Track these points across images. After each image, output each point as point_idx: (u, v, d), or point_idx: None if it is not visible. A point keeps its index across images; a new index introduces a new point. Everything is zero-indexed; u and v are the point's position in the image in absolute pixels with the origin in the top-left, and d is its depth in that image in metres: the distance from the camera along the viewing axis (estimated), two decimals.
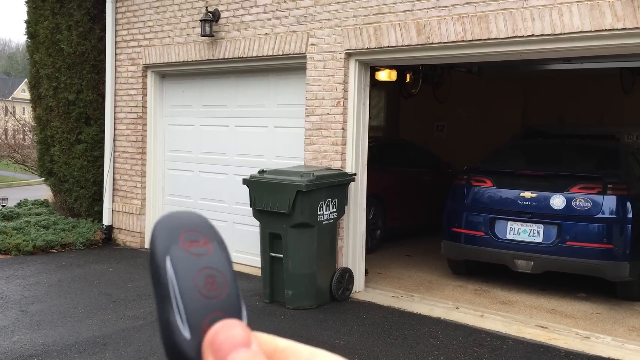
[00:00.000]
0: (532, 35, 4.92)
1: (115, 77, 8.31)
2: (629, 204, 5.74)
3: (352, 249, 6.13)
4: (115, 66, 8.29)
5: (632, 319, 5.48)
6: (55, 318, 5.09)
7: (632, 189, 5.95)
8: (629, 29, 4.49)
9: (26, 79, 10.02)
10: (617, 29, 4.54)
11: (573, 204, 5.80)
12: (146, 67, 8.03)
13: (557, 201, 5.88)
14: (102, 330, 4.81)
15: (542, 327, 5.17)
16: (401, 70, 9.99)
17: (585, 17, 4.65)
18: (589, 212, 5.75)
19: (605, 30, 4.59)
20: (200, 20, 6.97)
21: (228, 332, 0.40)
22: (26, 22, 8.98)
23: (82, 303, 5.53)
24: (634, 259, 5.69)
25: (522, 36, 4.96)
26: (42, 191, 11.74)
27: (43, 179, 9.54)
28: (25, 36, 9.09)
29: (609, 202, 5.72)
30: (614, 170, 6.23)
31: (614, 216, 5.70)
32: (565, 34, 4.77)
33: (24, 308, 5.35)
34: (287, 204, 5.30)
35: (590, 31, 4.65)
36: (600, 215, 5.72)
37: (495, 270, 6.77)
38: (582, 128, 9.56)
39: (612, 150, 6.87)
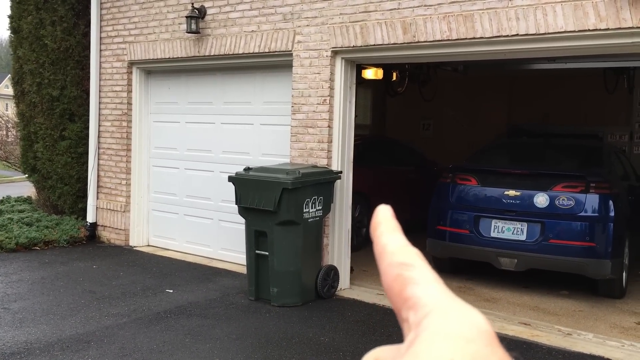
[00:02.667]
0: (517, 34, 4.95)
1: (100, 73, 8.24)
2: (611, 202, 5.81)
3: (338, 246, 6.14)
4: (100, 62, 8.23)
5: (613, 316, 5.55)
6: (38, 315, 5.05)
7: (614, 187, 6.02)
8: (612, 29, 4.55)
9: (9, 75, 9.92)
10: (600, 29, 4.59)
11: (556, 202, 5.86)
12: (131, 64, 7.97)
13: (541, 199, 5.93)
14: (86, 328, 4.77)
15: (525, 324, 5.22)
16: (388, 68, 10.02)
17: (569, 17, 4.70)
18: (572, 211, 5.81)
19: (589, 30, 4.64)
20: (186, 17, 6.93)
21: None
22: (9, 17, 8.88)
23: (66, 301, 5.49)
24: (615, 257, 5.76)
25: (507, 35, 5.00)
26: (26, 188, 11.63)
27: (26, 175, 9.44)
28: (9, 31, 8.99)
29: (591, 201, 5.79)
30: (597, 169, 6.30)
31: (597, 214, 5.77)
32: (549, 33, 4.81)
33: (6, 305, 5.29)
34: (273, 202, 5.30)
35: (574, 31, 4.70)
36: (583, 213, 5.78)
37: (480, 268, 6.82)
38: (566, 127, 9.65)
39: (596, 149, 6.94)
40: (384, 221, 0.43)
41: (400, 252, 0.40)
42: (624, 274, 6.09)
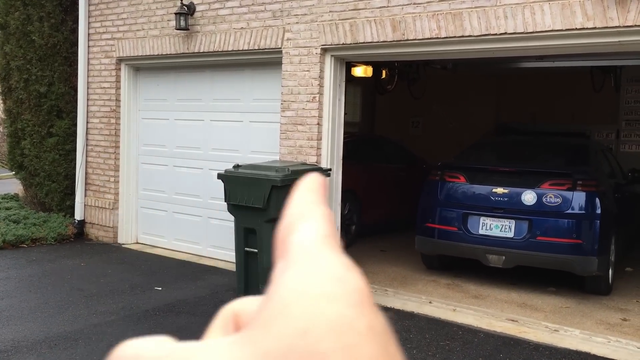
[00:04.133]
0: (505, 33, 4.98)
1: (88, 70, 8.19)
2: (597, 200, 5.86)
3: None
4: (88, 59, 8.18)
5: (599, 313, 5.61)
6: (25, 313, 5.02)
7: (600, 185, 6.08)
8: (599, 28, 4.59)
9: None
10: (587, 28, 4.63)
11: (543, 199, 5.91)
12: (120, 60, 7.93)
13: (528, 197, 5.98)
14: (74, 326, 4.75)
15: (513, 320, 5.26)
16: (377, 66, 10.03)
17: (557, 16, 4.73)
18: (559, 208, 5.85)
19: (576, 29, 4.68)
20: (175, 14, 6.90)
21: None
22: None
23: (54, 298, 5.46)
24: (602, 254, 5.81)
25: (495, 34, 5.03)
26: (13, 185, 11.53)
27: (13, 172, 9.36)
28: None
29: (578, 198, 5.84)
30: (584, 167, 6.35)
31: (583, 212, 5.82)
32: (537, 32, 4.85)
33: None
34: (262, 199, 5.30)
35: (561, 30, 4.73)
36: (569, 211, 5.83)
37: (468, 265, 6.86)
38: (553, 126, 9.72)
39: (582, 147, 7.00)
40: (309, 181, 0.37)
41: (304, 205, 0.34)
42: (610, 270, 6.15)
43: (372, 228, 8.73)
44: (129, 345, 0.31)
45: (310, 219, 0.33)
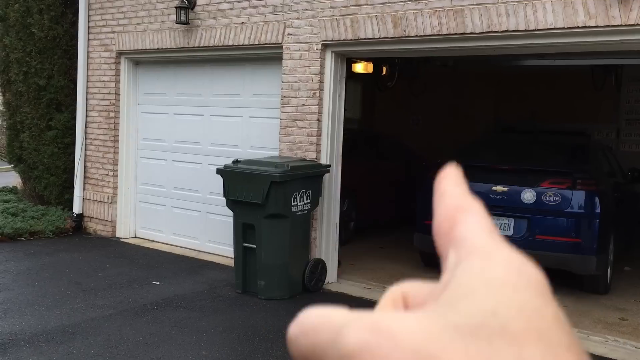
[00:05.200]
0: (507, 30, 4.97)
1: (88, 63, 8.16)
2: (597, 199, 5.85)
3: (326, 240, 6.14)
4: (88, 52, 8.15)
5: (597, 312, 5.61)
6: (23, 307, 5.01)
7: (600, 184, 6.07)
8: (601, 26, 4.57)
9: None
10: (589, 27, 4.61)
11: (543, 198, 5.90)
12: (119, 54, 7.90)
13: (528, 195, 5.97)
14: (71, 319, 4.75)
15: None
16: (377, 62, 10.00)
17: (559, 14, 4.71)
18: (558, 207, 5.85)
19: (578, 27, 4.66)
20: (176, 7, 6.88)
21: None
22: None
23: (51, 292, 5.45)
24: (600, 253, 5.81)
25: (497, 31, 5.01)
26: (11, 178, 11.51)
27: (12, 165, 9.34)
28: None
29: (577, 197, 5.83)
30: (584, 166, 6.35)
31: (582, 211, 5.81)
32: (538, 30, 4.83)
33: None
34: (261, 195, 5.29)
35: (563, 28, 4.72)
36: (569, 209, 5.83)
37: None
38: (553, 124, 9.70)
39: (582, 146, 6.99)
40: (450, 174, 0.39)
41: (460, 198, 0.36)
42: (609, 270, 6.15)
43: (371, 225, 8.72)
44: (314, 310, 0.32)
45: (470, 212, 0.34)
